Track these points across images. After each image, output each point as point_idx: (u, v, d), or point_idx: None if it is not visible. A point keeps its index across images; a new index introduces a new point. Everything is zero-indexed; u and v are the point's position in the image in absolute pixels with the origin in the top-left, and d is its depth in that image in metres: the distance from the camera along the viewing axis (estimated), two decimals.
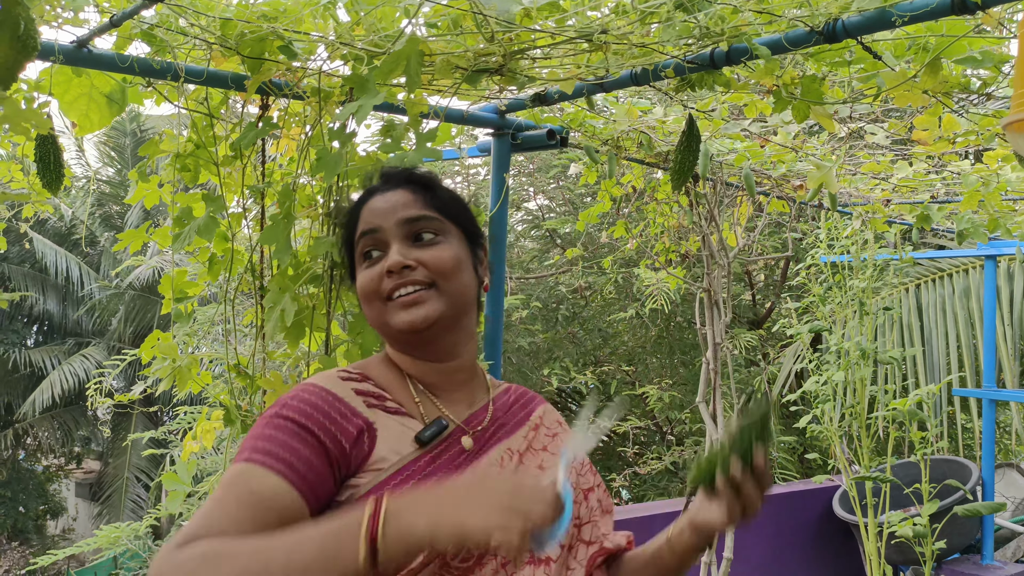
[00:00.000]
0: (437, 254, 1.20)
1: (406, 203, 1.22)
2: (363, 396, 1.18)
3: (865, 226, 3.39)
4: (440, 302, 1.19)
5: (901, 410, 3.23)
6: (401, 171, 1.30)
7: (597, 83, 2.07)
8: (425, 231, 1.21)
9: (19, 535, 16.49)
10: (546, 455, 1.29)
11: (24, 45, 1.15)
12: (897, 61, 1.81)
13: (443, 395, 1.26)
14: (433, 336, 1.21)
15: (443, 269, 1.19)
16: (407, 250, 1.19)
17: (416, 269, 1.18)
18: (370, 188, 1.29)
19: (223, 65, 1.89)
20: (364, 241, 1.22)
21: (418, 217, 1.21)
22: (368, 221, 1.23)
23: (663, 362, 7.00)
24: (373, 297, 1.20)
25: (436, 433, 1.18)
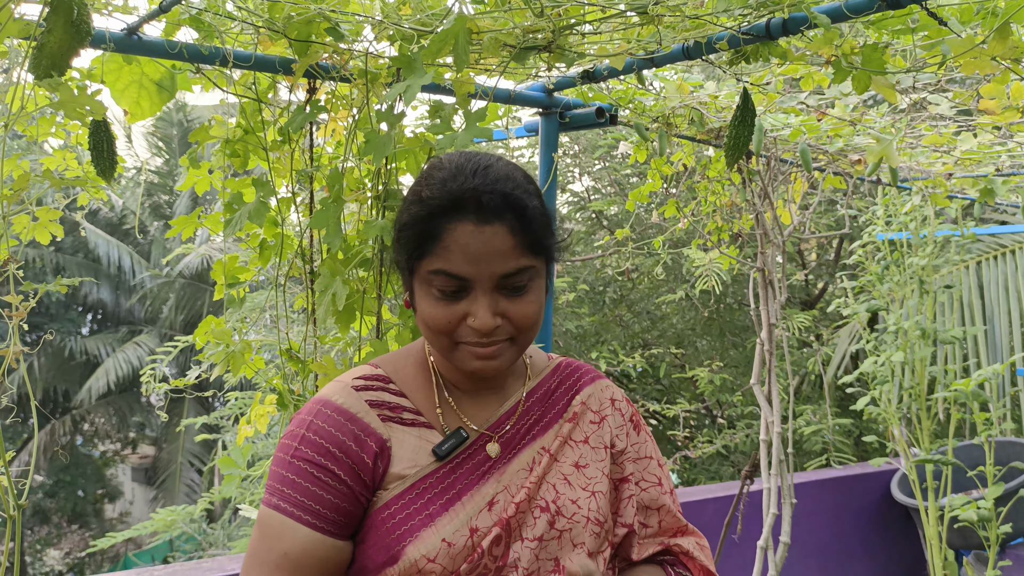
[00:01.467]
0: (525, 310, 1.11)
1: (504, 252, 1.08)
2: (378, 409, 1.15)
3: (925, 201, 3.28)
4: (515, 354, 1.14)
5: (963, 391, 3.14)
6: (502, 196, 1.09)
7: (647, 58, 2.02)
8: (519, 283, 1.11)
9: (78, 518, 16.98)
10: (586, 448, 1.23)
11: (78, 30, 1.15)
12: (963, 27, 1.73)
13: (473, 397, 1.22)
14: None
15: (528, 326, 1.12)
16: (497, 302, 1.10)
17: (500, 326, 1.11)
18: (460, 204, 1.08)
19: (270, 49, 1.88)
20: (444, 280, 1.09)
21: (517, 271, 1.09)
22: (456, 263, 1.07)
23: (713, 344, 6.91)
24: (443, 333, 1.12)
25: (455, 446, 1.15)
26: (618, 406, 1.31)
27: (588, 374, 1.33)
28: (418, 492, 1.12)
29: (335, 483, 1.09)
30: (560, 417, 1.24)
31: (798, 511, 3.14)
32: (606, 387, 1.32)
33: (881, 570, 4.57)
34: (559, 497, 1.17)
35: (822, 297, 6.91)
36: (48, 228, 1.93)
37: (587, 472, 1.21)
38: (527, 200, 1.10)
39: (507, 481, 1.15)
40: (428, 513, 1.11)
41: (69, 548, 16.91)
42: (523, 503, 1.14)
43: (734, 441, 6.04)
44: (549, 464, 1.19)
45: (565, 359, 1.36)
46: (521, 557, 1.12)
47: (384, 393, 1.17)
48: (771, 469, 2.90)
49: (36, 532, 16.56)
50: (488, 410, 1.22)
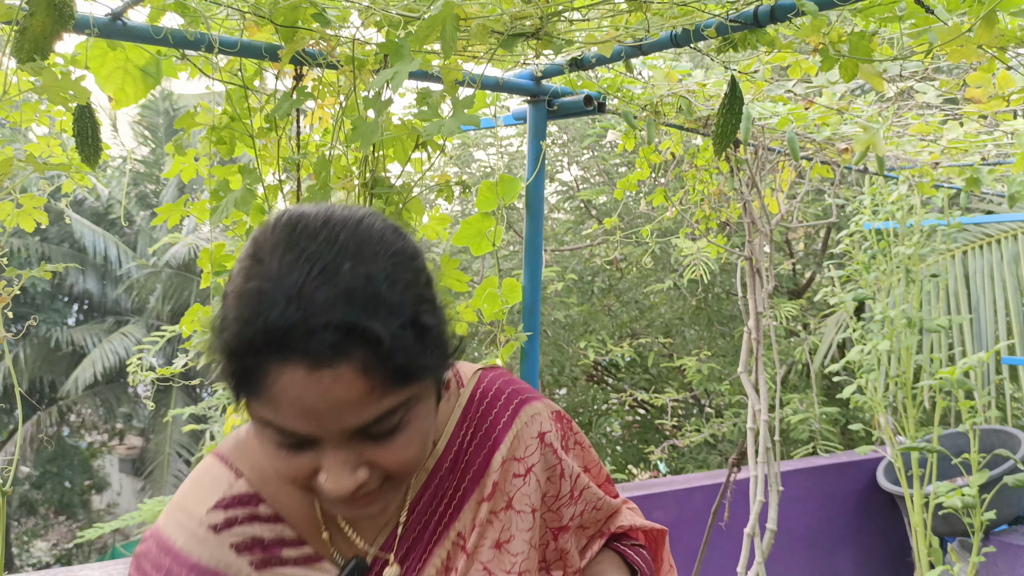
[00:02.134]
0: (402, 454, 0.83)
1: (354, 401, 0.77)
2: (249, 553, 0.87)
3: (912, 190, 3.30)
4: (396, 493, 0.88)
5: (948, 379, 3.16)
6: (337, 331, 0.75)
7: (635, 46, 2.02)
8: (384, 428, 0.81)
9: (66, 509, 16.93)
10: (509, 515, 0.99)
11: (61, 14, 1.13)
12: (950, 15, 1.74)
13: None
14: None
15: (408, 470, 0.84)
16: (356, 453, 0.81)
17: (370, 476, 0.83)
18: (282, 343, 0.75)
19: (256, 35, 1.86)
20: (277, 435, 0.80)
21: (376, 419, 0.79)
22: (285, 418, 0.77)
23: (701, 333, 6.94)
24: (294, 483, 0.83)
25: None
26: (548, 440, 1.05)
27: (510, 405, 1.05)
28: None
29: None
30: (476, 486, 0.99)
31: (785, 499, 3.16)
32: (533, 418, 1.05)
33: (867, 556, 4.61)
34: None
35: (810, 286, 6.94)
36: (32, 215, 1.91)
37: (511, 548, 0.98)
38: (384, 324, 0.77)
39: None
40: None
41: (56, 539, 16.86)
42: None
43: (722, 430, 6.08)
44: (468, 564, 0.96)
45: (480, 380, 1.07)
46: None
47: (254, 525, 0.89)
48: (758, 457, 2.92)
49: (23, 523, 16.50)
50: (385, 512, 0.95)
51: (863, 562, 4.60)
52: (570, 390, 7.41)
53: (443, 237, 2.39)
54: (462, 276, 2.14)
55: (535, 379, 2.48)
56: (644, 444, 7.22)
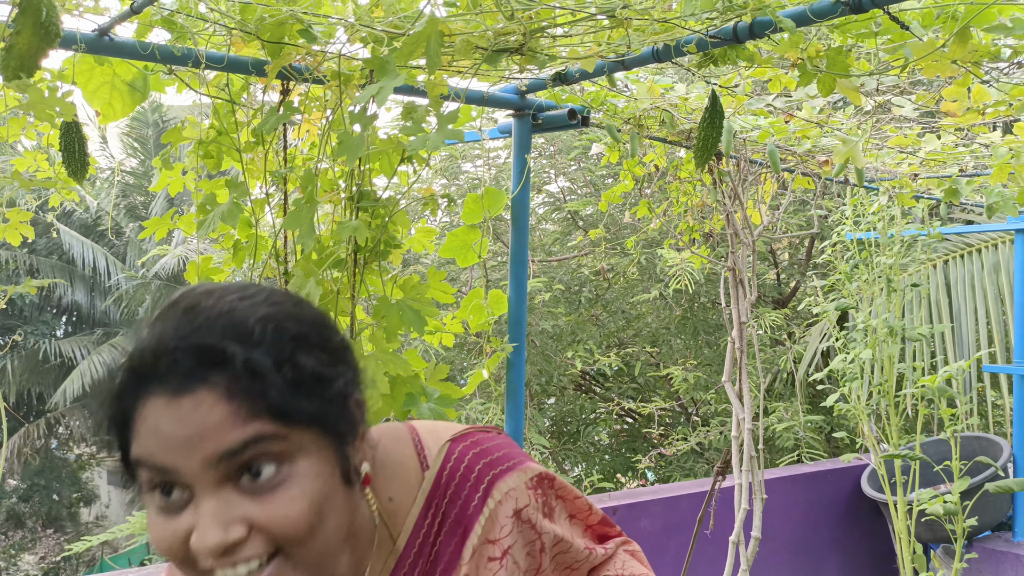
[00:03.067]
0: (282, 511, 0.75)
1: (217, 425, 0.73)
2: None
3: (892, 201, 3.34)
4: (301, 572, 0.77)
5: (930, 387, 3.20)
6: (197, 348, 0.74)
7: (618, 61, 2.05)
8: (259, 462, 0.75)
9: (53, 522, 16.81)
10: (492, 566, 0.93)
11: (46, 32, 1.16)
12: (925, 31, 1.78)
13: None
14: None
15: (294, 534, 0.75)
16: (228, 504, 0.74)
17: (249, 538, 0.74)
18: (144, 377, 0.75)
19: (243, 51, 1.89)
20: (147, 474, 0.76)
21: (242, 446, 0.73)
22: (148, 450, 0.75)
23: (687, 343, 6.97)
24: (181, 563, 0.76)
25: None
26: (526, 516, 0.96)
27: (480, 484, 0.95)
28: None
29: None
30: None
31: (770, 506, 3.19)
32: (506, 496, 0.95)
33: (851, 563, 4.64)
34: None
35: (794, 296, 6.99)
36: (19, 229, 1.92)
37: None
38: (245, 349, 0.74)
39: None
40: None
41: (44, 552, 16.72)
42: None
43: (708, 438, 6.10)
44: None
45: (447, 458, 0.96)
46: None
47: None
48: (742, 465, 2.95)
49: (10, 537, 16.37)
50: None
51: (848, 568, 4.63)
52: (558, 399, 7.43)
53: (429, 249, 2.42)
54: (448, 288, 2.17)
55: (521, 389, 2.50)
56: (632, 453, 7.24)
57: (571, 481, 6.17)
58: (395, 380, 1.98)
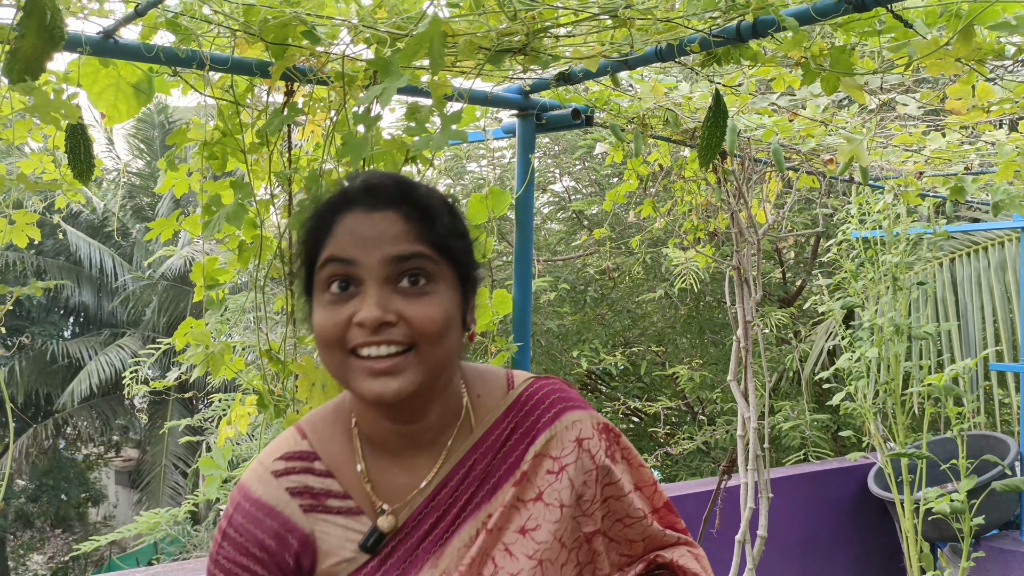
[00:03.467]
0: (426, 311, 0.97)
1: (397, 235, 0.98)
2: (299, 498, 1.04)
3: (897, 200, 3.33)
4: (418, 372, 0.98)
5: (937, 386, 3.19)
6: (394, 184, 1.03)
7: (621, 60, 2.05)
8: (415, 274, 0.98)
9: (62, 522, 16.87)
10: (537, 507, 1.07)
11: (51, 35, 1.16)
12: (929, 29, 1.77)
13: (404, 461, 1.07)
14: (404, 403, 1.00)
15: (429, 331, 0.97)
16: (388, 297, 0.97)
17: (396, 325, 0.97)
18: (348, 196, 1.03)
19: (247, 52, 1.89)
20: (331, 268, 0.99)
21: (410, 255, 0.98)
22: (342, 246, 0.99)
23: (693, 342, 6.96)
24: (333, 345, 0.98)
25: (381, 538, 1.03)
26: (587, 447, 1.13)
27: (552, 409, 1.14)
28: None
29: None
30: (511, 475, 1.08)
31: (776, 505, 3.18)
32: (573, 423, 1.13)
33: (858, 562, 4.63)
34: (497, 571, 1.03)
35: (800, 294, 6.98)
36: (25, 231, 1.93)
37: (536, 536, 1.06)
38: (436, 202, 1.03)
39: (444, 564, 1.03)
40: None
41: (52, 552, 16.80)
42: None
43: (714, 437, 6.10)
44: (490, 540, 1.04)
45: (530, 385, 1.17)
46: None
47: (307, 476, 1.05)
48: (748, 464, 2.94)
49: (19, 537, 16.44)
50: (421, 476, 1.06)
51: (854, 567, 4.62)
52: None
53: None
54: None
55: None
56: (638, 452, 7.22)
57: None
58: None
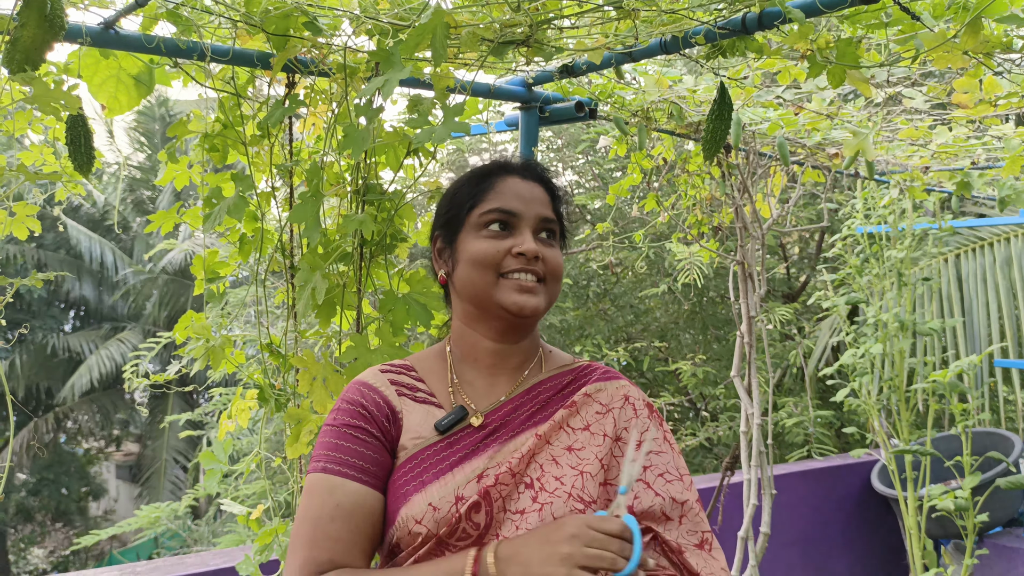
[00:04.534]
0: (555, 257, 1.32)
1: (545, 202, 1.35)
2: (396, 386, 1.32)
3: (903, 195, 3.31)
4: (544, 299, 1.30)
5: (941, 382, 3.17)
6: (541, 168, 1.42)
7: (626, 52, 2.03)
8: (550, 231, 1.34)
9: (62, 516, 16.88)
10: (584, 435, 1.28)
11: (51, 25, 1.15)
12: (936, 21, 1.75)
13: (485, 381, 1.34)
14: (524, 323, 1.31)
15: (556, 272, 1.32)
16: (536, 241, 1.30)
17: (539, 262, 1.29)
18: (507, 166, 1.38)
19: (249, 44, 1.88)
20: (496, 214, 1.31)
21: (549, 218, 1.33)
22: (508, 200, 1.32)
23: (696, 337, 6.95)
24: (490, 267, 1.29)
25: (454, 421, 1.27)
26: (632, 402, 1.35)
27: (605, 373, 1.38)
28: (418, 461, 1.24)
29: (369, 438, 1.25)
30: (563, 406, 1.30)
31: (780, 502, 3.17)
32: (621, 386, 1.37)
33: (861, 559, 4.62)
34: (544, 475, 1.23)
35: (804, 290, 6.96)
36: (26, 223, 1.92)
37: (580, 454, 1.26)
38: (561, 188, 1.42)
39: (499, 459, 1.24)
40: (422, 480, 1.22)
41: (53, 546, 16.81)
42: (504, 475, 1.21)
43: (717, 434, 6.08)
44: (539, 445, 1.25)
45: (594, 363, 1.42)
46: (503, 526, 1.20)
47: (404, 376, 1.34)
48: (751, 461, 2.93)
49: (20, 531, 16.46)
50: (497, 394, 1.32)
51: (857, 564, 4.61)
52: None
53: None
54: None
55: None
56: None
57: None
58: None
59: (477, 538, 1.18)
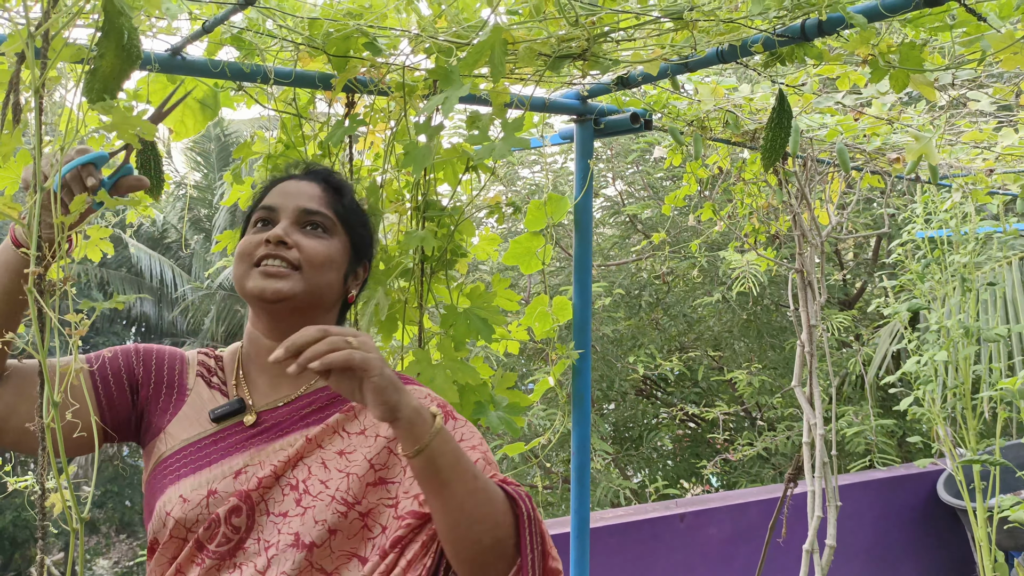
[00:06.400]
0: (314, 244, 1.31)
1: (312, 195, 1.37)
2: (200, 367, 1.39)
3: (965, 198, 3.24)
4: (297, 284, 1.28)
5: (1010, 389, 3.09)
6: (323, 169, 1.48)
7: (682, 63, 2.02)
8: (317, 224, 1.34)
9: (126, 528, 17.26)
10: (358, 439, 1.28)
11: (129, 54, 1.18)
12: (1003, 22, 1.71)
13: (270, 380, 1.35)
14: (279, 313, 1.30)
15: (313, 259, 1.30)
16: (291, 231, 1.32)
17: (291, 249, 1.30)
18: (288, 174, 1.45)
19: (309, 65, 1.91)
20: (260, 212, 1.36)
21: (315, 211, 1.35)
22: (272, 198, 1.37)
23: (751, 346, 6.86)
24: (244, 258, 1.31)
25: (227, 413, 1.30)
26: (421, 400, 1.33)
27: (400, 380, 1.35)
28: (185, 453, 1.27)
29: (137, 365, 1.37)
30: (341, 407, 1.31)
31: (842, 513, 3.11)
32: (413, 390, 1.31)
33: (928, 572, 4.50)
34: (310, 478, 1.24)
35: (860, 296, 6.83)
36: (99, 246, 1.98)
37: (351, 457, 1.26)
38: (348, 188, 1.45)
39: (262, 457, 1.25)
40: (179, 474, 1.25)
41: (118, 557, 17.20)
42: (267, 479, 1.23)
43: (775, 443, 5.99)
44: (308, 448, 1.26)
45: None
46: (264, 530, 1.21)
47: (210, 361, 1.40)
48: (815, 472, 2.88)
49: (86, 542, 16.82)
50: (279, 393, 1.34)
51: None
52: (619, 405, 7.37)
53: (493, 257, 2.42)
54: (513, 296, 2.16)
55: (587, 396, 2.48)
56: (696, 458, 7.14)
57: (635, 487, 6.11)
58: (464, 389, 1.98)
59: (238, 541, 1.19)
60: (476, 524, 1.14)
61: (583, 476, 2.50)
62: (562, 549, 2.83)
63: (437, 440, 1.12)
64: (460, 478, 1.14)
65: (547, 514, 5.93)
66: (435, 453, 1.12)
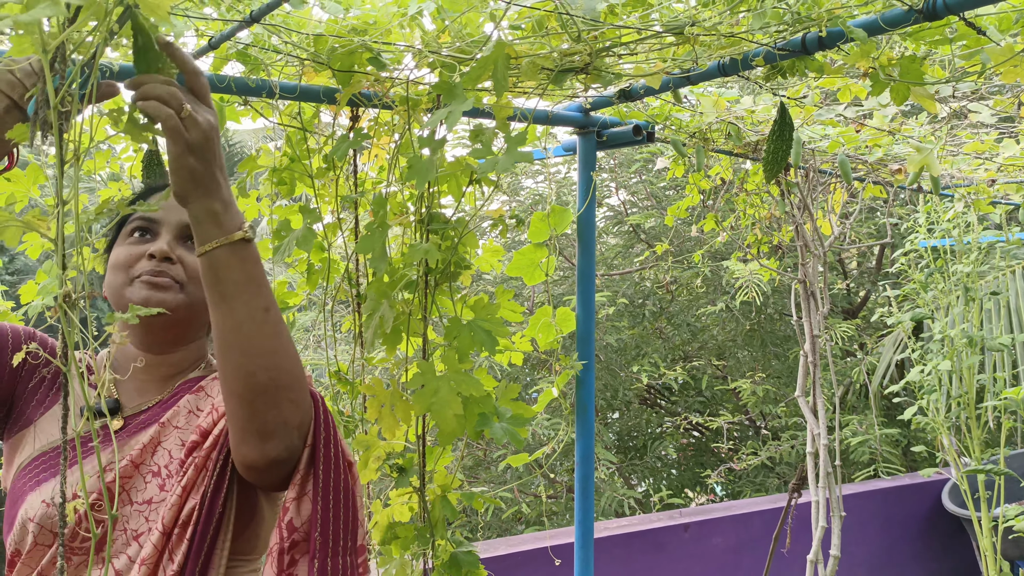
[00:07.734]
0: (193, 264, 1.27)
1: None
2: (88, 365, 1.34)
3: (968, 208, 3.25)
4: (179, 298, 1.27)
5: (1014, 399, 3.09)
6: None
7: (683, 76, 2.04)
8: None
9: None
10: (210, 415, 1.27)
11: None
12: (1002, 35, 1.73)
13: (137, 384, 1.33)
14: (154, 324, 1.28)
15: (197, 275, 1.26)
16: (176, 246, 1.29)
17: (175, 265, 1.28)
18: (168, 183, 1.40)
19: (314, 80, 1.93)
20: (137, 222, 1.31)
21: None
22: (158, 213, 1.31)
23: (755, 355, 6.85)
24: (122, 270, 1.28)
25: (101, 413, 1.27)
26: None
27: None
28: (48, 456, 1.24)
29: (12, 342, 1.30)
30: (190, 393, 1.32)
31: (847, 523, 3.11)
32: None
33: None
34: (171, 461, 1.24)
35: (864, 305, 6.83)
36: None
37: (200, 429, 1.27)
38: None
39: (123, 452, 1.24)
40: (39, 479, 1.22)
41: None
42: (127, 468, 1.22)
43: (779, 452, 5.99)
44: (163, 432, 1.26)
45: None
46: (131, 520, 1.19)
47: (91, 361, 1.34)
48: (819, 482, 2.88)
49: None
50: (144, 398, 1.33)
51: None
52: (623, 414, 7.37)
53: (496, 268, 2.43)
54: (517, 307, 2.17)
55: (591, 406, 2.49)
56: (700, 468, 7.13)
57: (640, 496, 6.11)
58: (468, 400, 1.98)
59: (104, 535, 1.16)
60: (251, 355, 1.11)
61: (587, 486, 2.51)
62: (566, 559, 2.84)
63: (225, 252, 1.11)
64: (245, 302, 1.12)
65: (551, 524, 5.92)
66: (219, 264, 1.11)
